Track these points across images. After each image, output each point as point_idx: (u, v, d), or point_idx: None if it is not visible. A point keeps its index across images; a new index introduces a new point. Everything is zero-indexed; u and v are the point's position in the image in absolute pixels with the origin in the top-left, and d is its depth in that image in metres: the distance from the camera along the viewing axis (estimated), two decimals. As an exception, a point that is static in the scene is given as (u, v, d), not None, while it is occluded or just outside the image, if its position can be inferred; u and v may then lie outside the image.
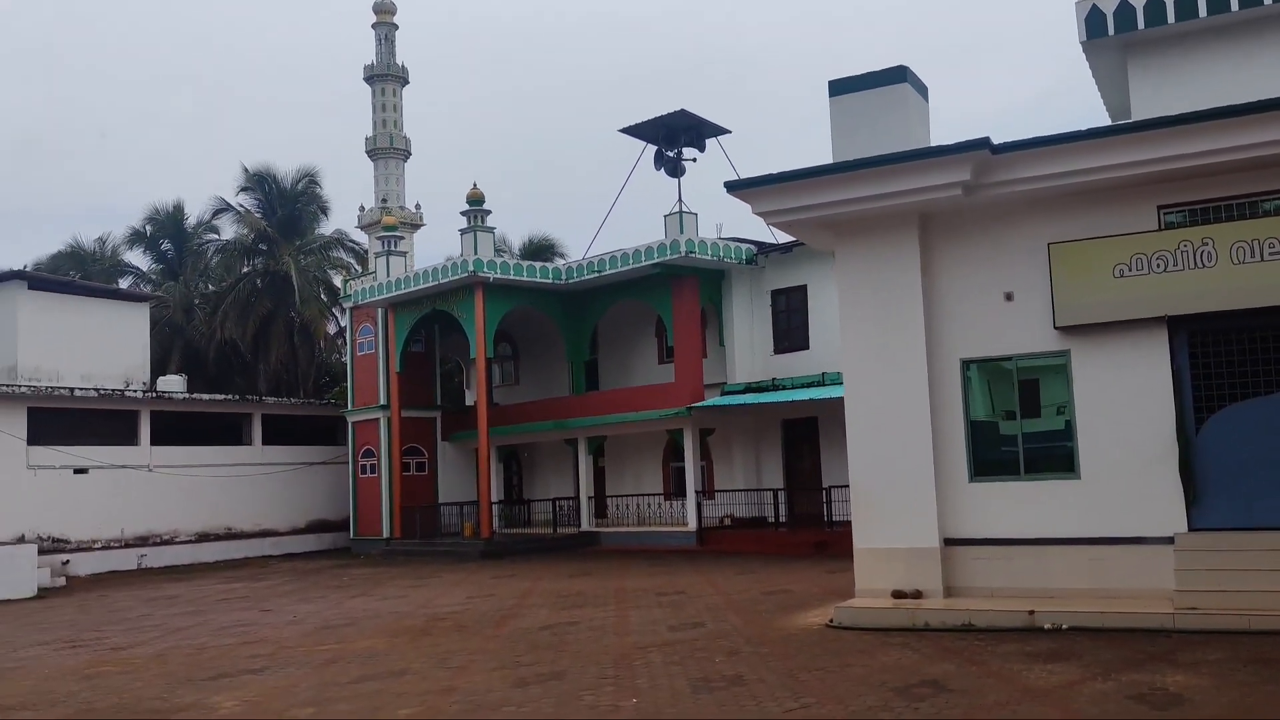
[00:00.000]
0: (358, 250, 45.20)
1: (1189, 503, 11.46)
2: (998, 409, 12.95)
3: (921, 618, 11.64)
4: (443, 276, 29.27)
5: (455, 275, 28.82)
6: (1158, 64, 13.72)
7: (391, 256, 32.58)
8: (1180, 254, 11.50)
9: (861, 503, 13.00)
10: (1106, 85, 15.39)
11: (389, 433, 32.23)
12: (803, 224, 13.54)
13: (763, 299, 28.65)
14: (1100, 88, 15.66)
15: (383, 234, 34.57)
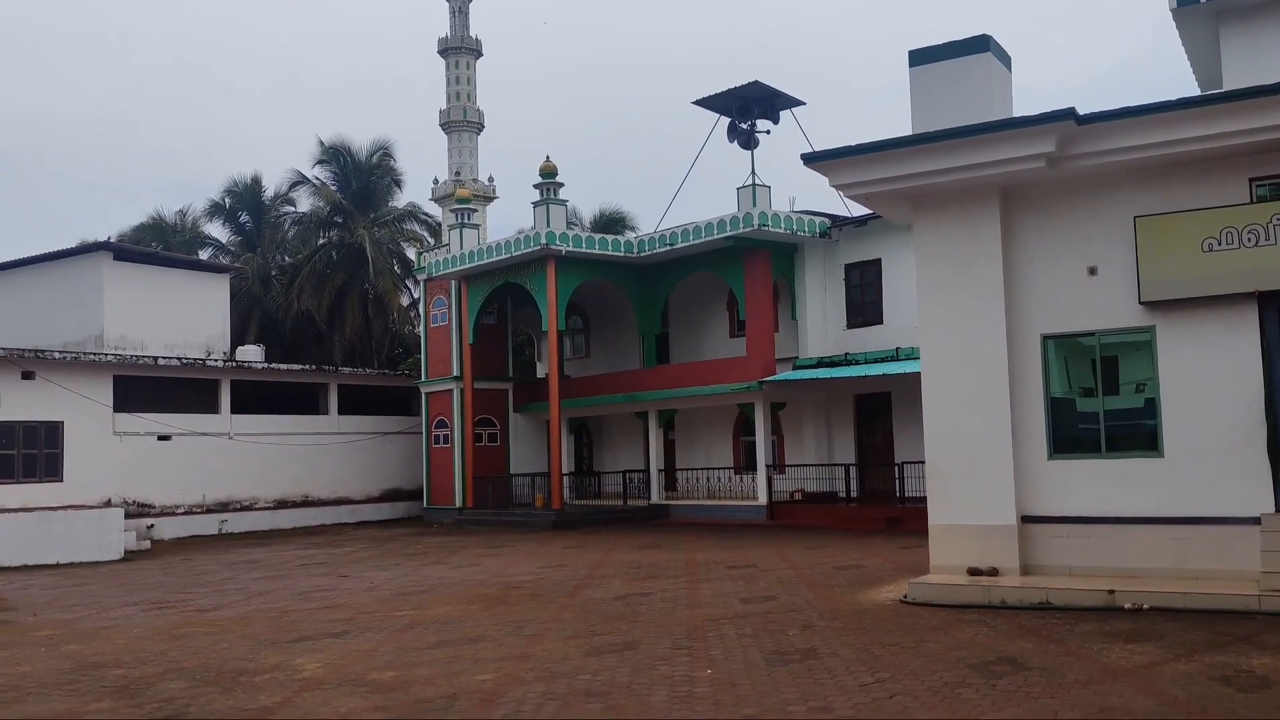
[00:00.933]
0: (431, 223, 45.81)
1: (1277, 483, 11.17)
2: (1078, 386, 12.73)
3: (998, 595, 11.56)
4: (515, 249, 29.54)
5: (527, 248, 29.07)
6: (1251, 32, 13.23)
7: (465, 229, 32.96)
8: (1273, 228, 11.15)
9: (937, 479, 12.91)
10: (1197, 54, 14.90)
11: (461, 403, 32.75)
12: (881, 197, 13.41)
13: (836, 273, 28.39)
14: (1190, 57, 15.17)
15: (456, 206, 34.97)
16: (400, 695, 8.48)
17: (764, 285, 27.87)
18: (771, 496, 27.17)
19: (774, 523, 26.30)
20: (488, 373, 33.28)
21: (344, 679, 9.24)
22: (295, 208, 46.10)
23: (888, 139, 12.83)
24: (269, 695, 8.72)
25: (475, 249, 31.42)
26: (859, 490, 27.11)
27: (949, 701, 7.50)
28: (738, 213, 27.32)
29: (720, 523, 26.93)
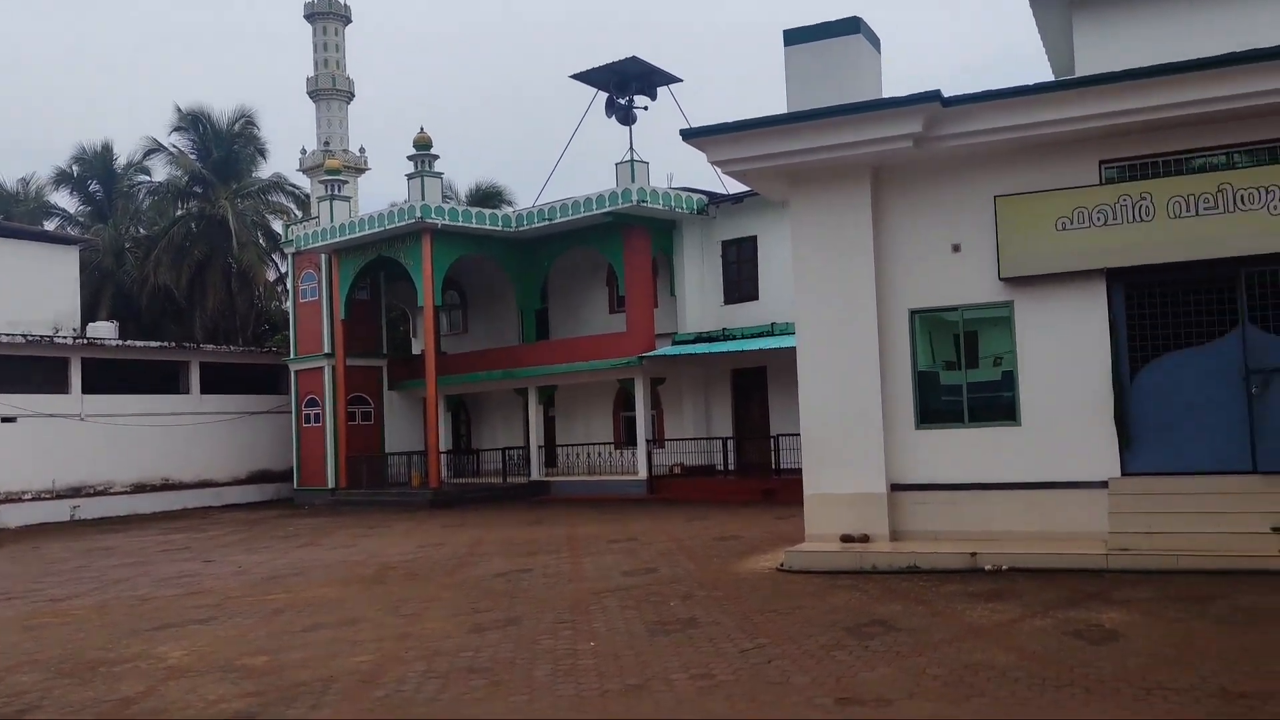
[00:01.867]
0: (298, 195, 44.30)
1: (1122, 448, 11.89)
2: (943, 359, 13.24)
3: (869, 560, 11.98)
4: (389, 222, 28.91)
5: (402, 221, 28.47)
6: (1101, 22, 13.89)
7: (335, 201, 32.03)
8: (1120, 208, 11.79)
9: (812, 450, 13.27)
10: (1052, 44, 15.60)
11: (333, 381, 31.97)
12: (757, 173, 13.63)
13: (713, 249, 28.76)
14: (1046, 46, 15.87)
15: (325, 178, 33.92)
16: (273, 680, 8.26)
17: (643, 261, 28.02)
18: (652, 471, 27.46)
19: (654, 497, 26.60)
20: (361, 349, 32.53)
21: (212, 665, 8.95)
22: (150, 177, 44.09)
23: (763, 117, 13.04)
24: (131, 685, 8.37)
25: (346, 222, 30.59)
26: (737, 463, 27.65)
27: (824, 663, 7.75)
28: (616, 188, 27.36)
29: (601, 498, 27.08)
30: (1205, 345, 11.58)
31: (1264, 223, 11.11)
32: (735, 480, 26.18)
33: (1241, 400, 11.35)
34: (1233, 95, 11.02)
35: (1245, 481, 11.19)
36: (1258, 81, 10.86)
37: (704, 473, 27.51)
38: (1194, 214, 11.43)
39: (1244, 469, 11.28)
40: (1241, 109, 11.15)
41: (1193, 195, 11.44)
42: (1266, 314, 11.31)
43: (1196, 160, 11.79)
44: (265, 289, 43.02)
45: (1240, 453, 11.32)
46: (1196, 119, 11.46)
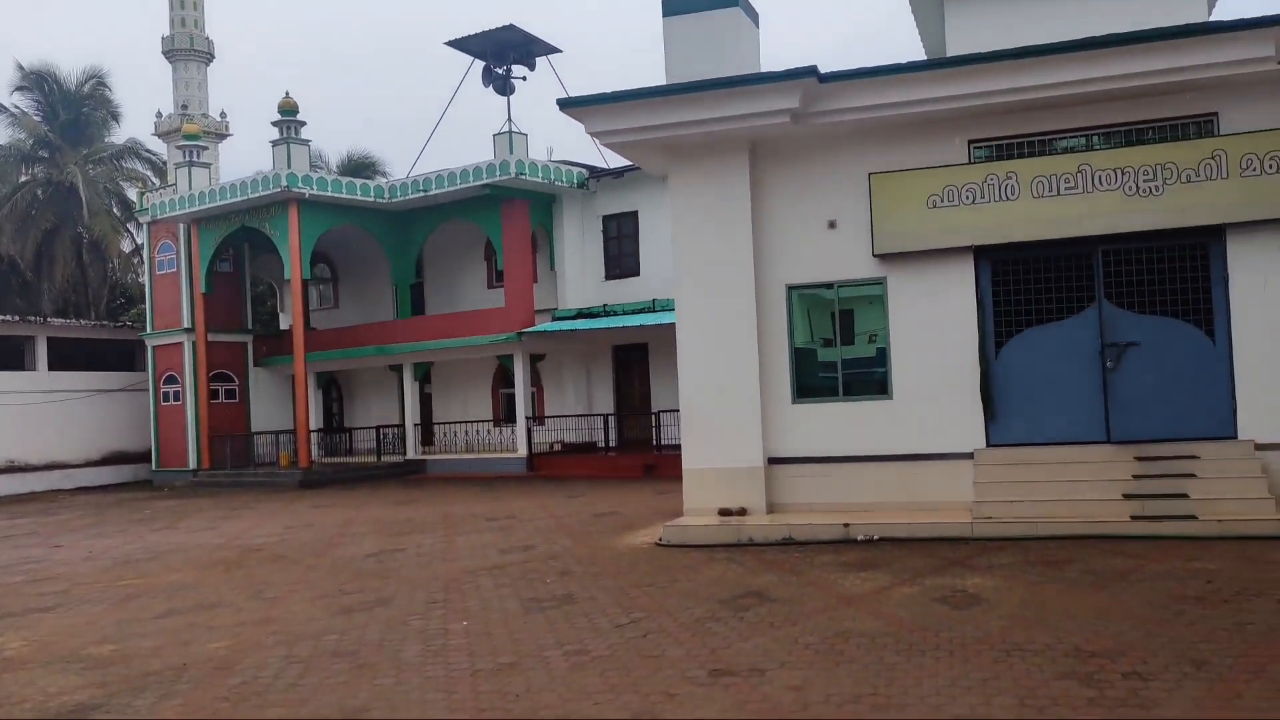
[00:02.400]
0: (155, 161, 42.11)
1: (987, 421, 12.26)
2: (819, 334, 13.40)
3: (746, 533, 12.05)
4: (252, 190, 27.72)
5: (266, 189, 27.34)
6: (971, 6, 14.19)
7: (194, 168, 30.55)
8: (987, 187, 12.10)
9: (690, 425, 13.27)
10: (925, 24, 15.90)
11: (194, 357, 30.60)
12: (635, 146, 13.47)
13: (594, 224, 28.54)
14: (919, 26, 16.17)
15: (184, 143, 32.32)
16: (121, 669, 7.77)
17: (522, 235, 27.63)
18: (531, 448, 27.20)
19: (534, 474, 26.36)
20: (224, 324, 31.22)
21: (54, 656, 8.37)
22: (-11, 140, 41.16)
23: (641, 88, 12.89)
24: (-36, 681, 7.75)
25: (207, 189, 29.21)
26: (618, 439, 27.63)
27: (699, 635, 7.71)
28: (494, 160, 26.85)
29: (480, 476, 26.70)
30: (1065, 320, 12.01)
31: (1120, 203, 11.56)
32: (616, 457, 26.14)
33: (1097, 373, 11.82)
34: (1091, 79, 11.39)
35: (1100, 451, 11.67)
36: (1114, 66, 11.25)
37: (585, 450, 27.40)
38: (1056, 194, 11.81)
39: (1099, 439, 11.77)
40: (1099, 92, 11.55)
41: (1055, 175, 11.82)
42: (1121, 291, 11.79)
43: (1059, 142, 12.18)
44: (120, 261, 40.83)
45: (1095, 424, 11.81)
46: (1059, 101, 11.82)
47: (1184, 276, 11.60)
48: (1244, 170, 11.10)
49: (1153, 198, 11.43)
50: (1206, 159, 11.24)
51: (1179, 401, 11.49)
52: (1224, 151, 11.18)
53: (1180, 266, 11.62)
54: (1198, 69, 11.04)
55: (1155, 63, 11.09)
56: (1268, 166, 11.02)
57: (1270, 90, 11.21)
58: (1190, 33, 10.98)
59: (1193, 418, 11.43)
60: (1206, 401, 11.41)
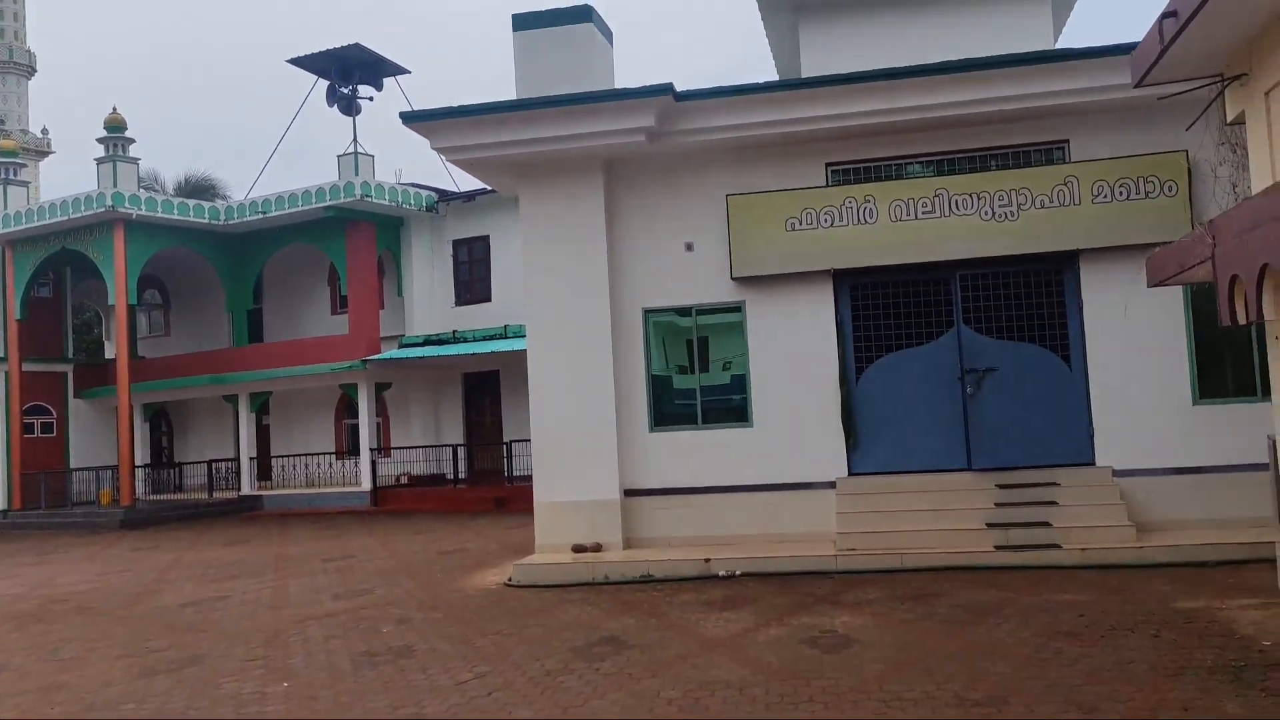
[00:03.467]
0: (-32, 179, 38.77)
1: (849, 448, 11.97)
2: (678, 360, 12.90)
3: (601, 571, 11.37)
4: (74, 210, 25.62)
5: (89, 209, 25.31)
6: (825, 31, 14.09)
7: (10, 185, 28.16)
8: (846, 210, 11.87)
9: (543, 455, 12.54)
10: (780, 47, 15.76)
11: (6, 388, 28.02)
12: (483, 163, 12.73)
13: (444, 249, 27.56)
14: (774, 50, 16.02)
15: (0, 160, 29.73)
16: None
17: (368, 259, 26.40)
18: (376, 482, 25.87)
19: (379, 509, 25.04)
20: (41, 353, 28.74)
21: None
22: None
23: (489, 103, 12.21)
24: None
25: (24, 209, 26.93)
26: (468, 471, 26.58)
27: (550, 691, 6.97)
28: (338, 181, 25.60)
29: (320, 512, 25.18)
30: (925, 346, 11.86)
31: (976, 228, 11.49)
32: (466, 489, 25.08)
33: (958, 400, 11.69)
34: (946, 103, 11.33)
35: (962, 479, 11.51)
36: (968, 91, 11.22)
37: (433, 482, 26.24)
38: (914, 218, 11.68)
39: (960, 466, 11.61)
40: (955, 117, 11.50)
41: (913, 199, 11.69)
42: (980, 316, 11.72)
43: (917, 166, 12.08)
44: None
45: (957, 451, 11.65)
46: (916, 125, 11.72)
47: (1041, 302, 11.62)
48: (1095, 197, 11.19)
49: (1009, 223, 11.41)
50: (1060, 185, 11.30)
51: (1038, 428, 11.45)
52: (1076, 178, 11.26)
53: (1037, 292, 11.64)
54: (1049, 96, 11.10)
55: (1009, 89, 11.10)
56: (1118, 193, 11.14)
57: (1118, 118, 11.36)
58: (1042, 60, 11.04)
59: (1052, 444, 11.40)
60: (1065, 428, 11.40)
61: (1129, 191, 11.11)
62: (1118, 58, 10.60)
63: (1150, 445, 11.14)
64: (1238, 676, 6.29)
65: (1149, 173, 11.05)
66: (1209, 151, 9.20)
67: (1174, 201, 10.97)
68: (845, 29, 14.00)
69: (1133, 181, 11.10)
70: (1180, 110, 10.95)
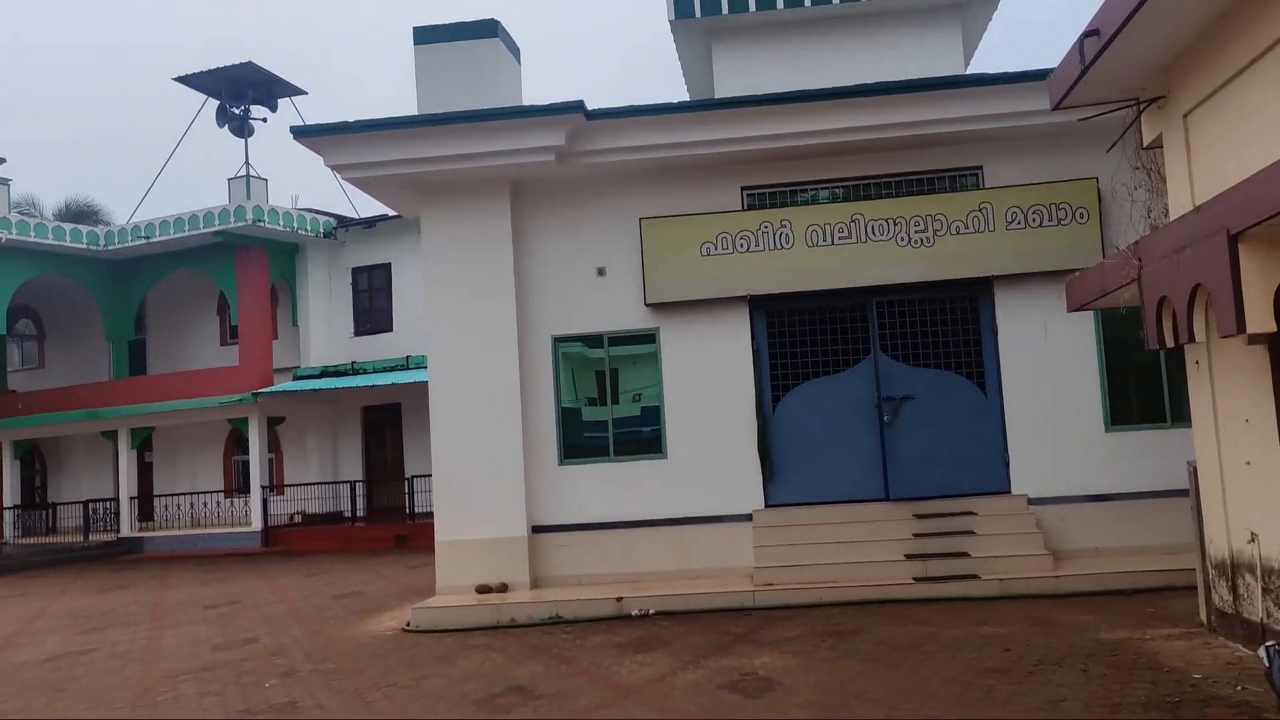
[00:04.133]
0: None
1: (765, 479, 11.59)
2: (589, 388, 12.38)
3: (507, 613, 10.72)
4: (-64, 233, 23.90)
5: (-46, 232, 23.63)
6: (739, 51, 13.92)
7: None
8: (762, 235, 11.58)
9: (445, 491, 11.85)
10: (692, 69, 15.50)
11: None
12: (382, 182, 12.07)
13: (343, 276, 26.58)
14: (685, 71, 15.77)
15: None
16: None
17: (260, 287, 25.26)
18: (267, 521, 24.59)
19: (270, 550, 23.78)
20: (-103, 386, 26.64)
21: None
22: None
23: (388, 118, 11.60)
24: None
25: (-121, 231, 24.97)
26: (367, 508, 25.51)
27: (452, 752, 6.32)
28: (229, 205, 24.47)
29: (207, 554, 23.79)
30: (842, 373, 11.58)
31: (893, 254, 11.31)
32: (365, 527, 24.00)
33: (875, 428, 11.43)
34: (859, 126, 11.13)
35: (879, 509, 11.22)
36: (882, 115, 11.05)
37: (330, 520, 25.06)
38: (830, 243, 11.44)
39: (878, 497, 11.33)
40: (871, 141, 11.32)
41: (829, 225, 11.46)
42: (896, 343, 11.51)
43: (833, 190, 11.87)
44: None
45: (874, 481, 11.37)
46: (831, 149, 11.51)
47: (957, 329, 11.47)
48: (1009, 223, 11.12)
49: (924, 249, 11.25)
50: (974, 211, 11.20)
51: (954, 456, 11.25)
52: (990, 204, 11.17)
53: (953, 319, 11.49)
54: (963, 121, 11.01)
55: (924, 113, 10.98)
56: (1031, 220, 11.08)
57: (1030, 145, 11.34)
58: (957, 85, 10.95)
59: (968, 473, 11.21)
60: (980, 456, 11.23)
61: (1042, 218, 11.07)
62: (1031, 83, 10.59)
63: (1064, 473, 11.05)
64: (1174, 713, 6.02)
65: (1061, 199, 11.03)
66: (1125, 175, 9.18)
67: (1086, 228, 10.96)
68: (758, 52, 13.83)
69: (1045, 208, 11.06)
70: (1092, 137, 11.01)
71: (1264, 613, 6.63)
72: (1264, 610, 6.64)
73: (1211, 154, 6.99)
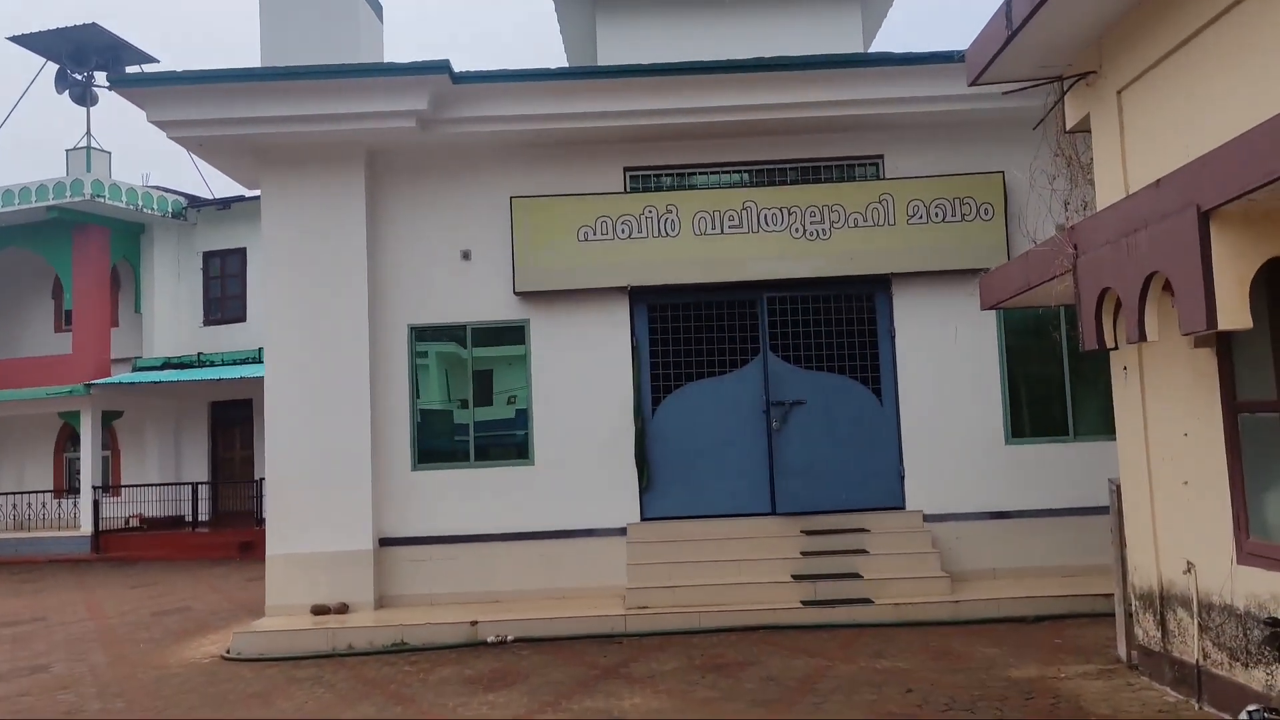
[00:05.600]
0: None
1: (642, 490, 10.53)
2: (451, 384, 11.10)
3: (344, 639, 9.36)
4: None
5: None
6: (624, 26, 12.87)
7: None
8: (645, 220, 10.53)
9: (279, 498, 10.42)
10: (575, 46, 14.40)
11: None
12: (217, 144, 10.57)
13: (193, 261, 24.45)
14: (568, 49, 14.65)
15: None
16: None
17: (98, 269, 23.01)
18: (98, 525, 22.33)
19: (100, 556, 21.58)
20: None
21: None
22: None
23: (224, 69, 10.15)
24: None
25: None
26: (212, 512, 23.46)
27: (241, 833, 5.01)
28: (65, 178, 22.17)
29: (30, 560, 21.46)
30: (728, 375, 10.61)
31: (785, 246, 10.40)
32: (208, 534, 21.98)
33: (762, 435, 10.48)
34: (751, 105, 10.18)
35: (766, 525, 10.27)
36: (775, 92, 10.13)
37: (172, 525, 22.95)
38: (720, 232, 10.46)
39: (764, 510, 10.39)
40: (765, 122, 10.39)
41: (718, 212, 10.48)
42: (788, 343, 10.58)
43: (724, 175, 10.90)
44: None
45: (761, 493, 10.42)
46: (722, 130, 10.54)
47: (853, 329, 10.62)
48: (910, 217, 10.33)
49: (820, 241, 10.37)
50: (874, 203, 10.37)
51: (846, 468, 10.39)
52: (890, 196, 10.37)
53: (849, 318, 10.62)
54: (864, 104, 10.17)
55: (822, 93, 10.09)
56: (933, 214, 10.32)
57: (934, 135, 10.60)
58: (858, 63, 10.09)
59: (861, 486, 10.35)
60: (874, 467, 10.39)
61: (945, 213, 10.32)
62: (937, 65, 9.83)
63: (962, 488, 10.31)
64: (1105, 771, 5.17)
65: (965, 194, 10.30)
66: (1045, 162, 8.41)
67: (990, 226, 10.25)
68: (645, 25, 12.81)
69: (948, 202, 10.32)
70: (999, 130, 10.35)
71: (1199, 653, 5.86)
72: (1199, 650, 5.87)
73: (1149, 133, 6.22)
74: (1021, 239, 9.98)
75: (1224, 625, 5.66)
